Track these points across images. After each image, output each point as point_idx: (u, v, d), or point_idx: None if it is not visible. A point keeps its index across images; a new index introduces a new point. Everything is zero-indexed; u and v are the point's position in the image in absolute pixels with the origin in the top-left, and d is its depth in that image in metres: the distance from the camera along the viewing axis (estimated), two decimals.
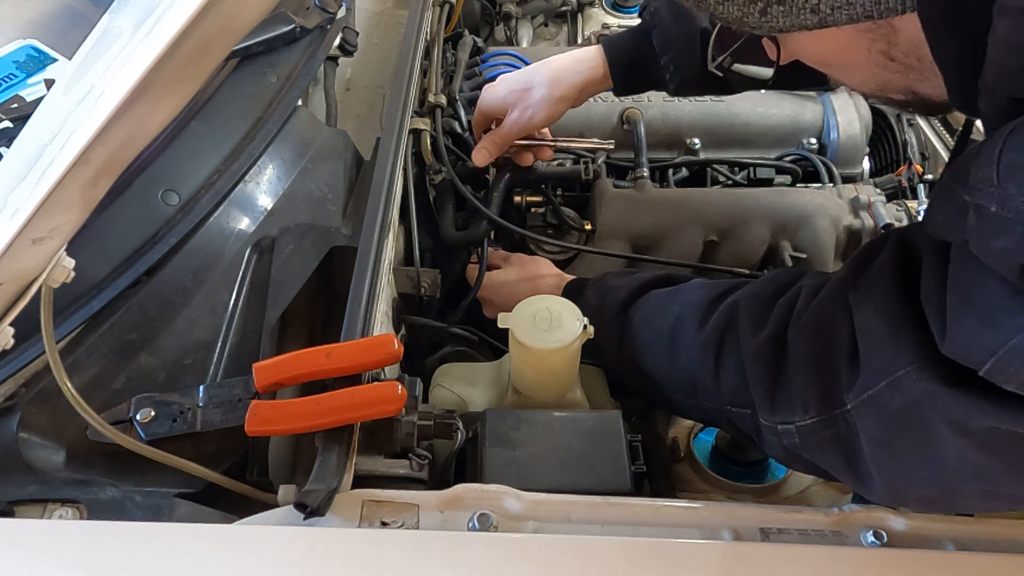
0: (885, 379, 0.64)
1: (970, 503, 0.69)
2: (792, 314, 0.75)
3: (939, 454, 0.63)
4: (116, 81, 0.60)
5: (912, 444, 0.65)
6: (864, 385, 0.66)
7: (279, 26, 1.21)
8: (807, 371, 0.71)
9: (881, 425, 0.66)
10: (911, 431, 0.64)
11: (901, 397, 0.63)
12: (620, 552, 0.69)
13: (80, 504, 0.81)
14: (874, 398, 0.65)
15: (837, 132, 1.32)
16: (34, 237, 0.66)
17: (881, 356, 0.64)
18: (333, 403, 0.78)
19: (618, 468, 0.82)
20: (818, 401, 0.70)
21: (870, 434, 0.67)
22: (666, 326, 0.87)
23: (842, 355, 0.68)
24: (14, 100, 1.10)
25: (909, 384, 0.62)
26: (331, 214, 1.14)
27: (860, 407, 0.66)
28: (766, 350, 0.74)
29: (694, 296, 0.87)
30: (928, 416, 0.62)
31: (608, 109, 1.33)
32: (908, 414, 0.63)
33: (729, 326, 0.79)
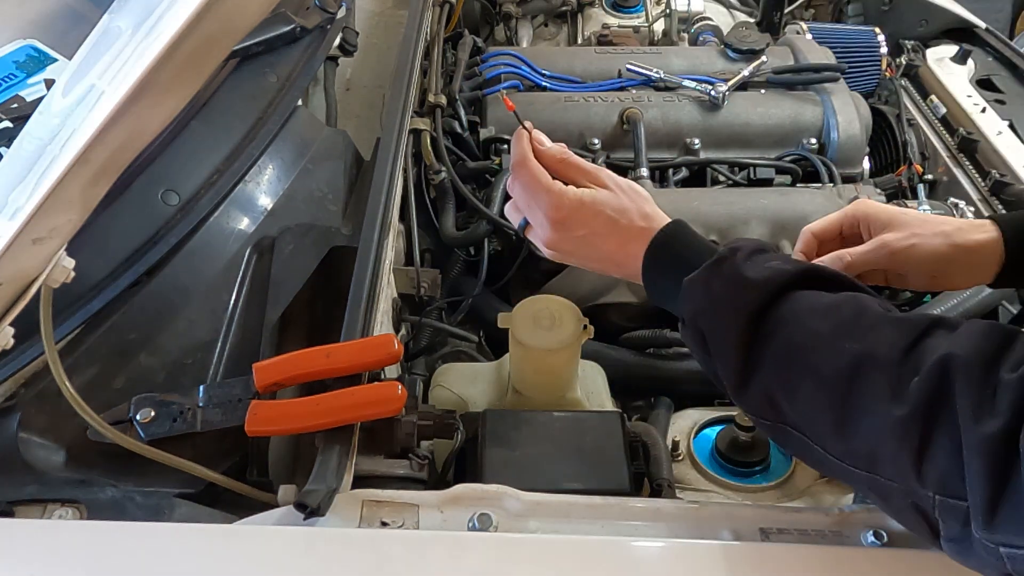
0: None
1: None
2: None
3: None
4: (116, 81, 0.60)
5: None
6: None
7: (279, 26, 1.21)
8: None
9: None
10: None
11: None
12: (620, 552, 0.69)
13: (80, 504, 0.81)
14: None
15: (837, 132, 1.32)
16: (34, 237, 0.66)
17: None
18: (333, 403, 0.78)
19: (618, 468, 0.82)
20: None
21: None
22: (838, 368, 0.64)
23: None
24: (14, 100, 1.10)
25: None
26: (331, 214, 1.14)
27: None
28: (995, 446, 0.56)
29: (879, 335, 0.64)
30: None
31: (608, 109, 1.33)
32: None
33: (941, 398, 0.60)
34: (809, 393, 0.66)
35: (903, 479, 0.62)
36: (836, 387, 0.64)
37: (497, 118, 1.33)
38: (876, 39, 1.53)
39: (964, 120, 1.40)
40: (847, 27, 1.62)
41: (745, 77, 1.37)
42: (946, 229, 0.84)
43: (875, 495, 0.66)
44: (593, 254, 0.81)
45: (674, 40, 1.70)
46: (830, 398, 0.64)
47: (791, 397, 0.67)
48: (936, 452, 0.59)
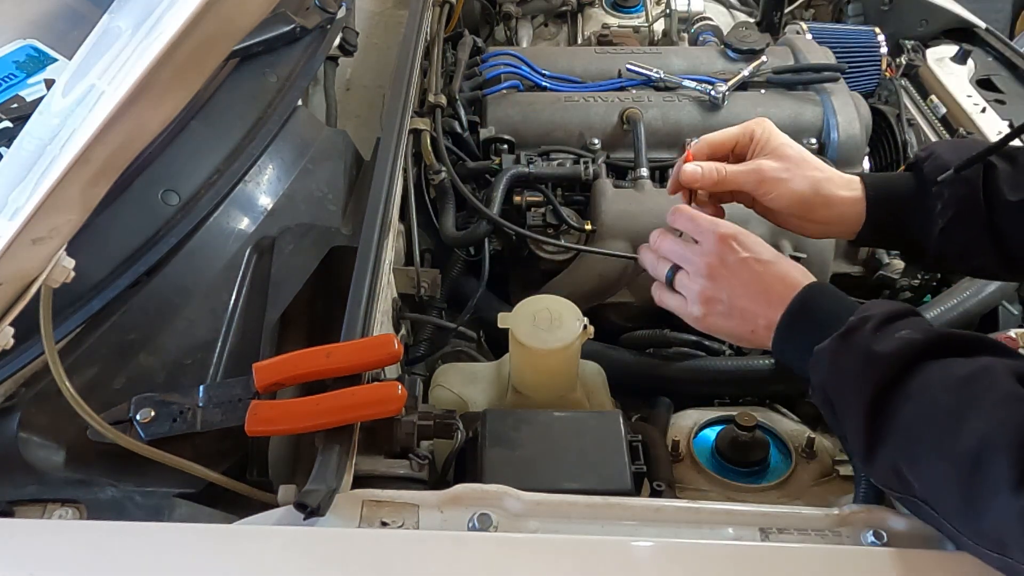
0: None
1: None
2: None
3: None
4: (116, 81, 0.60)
5: None
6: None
7: (279, 26, 1.21)
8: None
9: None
10: None
11: None
12: (620, 552, 0.69)
13: (80, 504, 0.81)
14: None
15: (837, 132, 1.31)
16: (34, 237, 0.66)
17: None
18: (333, 403, 0.78)
19: (618, 468, 0.82)
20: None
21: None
22: (963, 448, 0.62)
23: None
24: (14, 100, 1.10)
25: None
26: (331, 214, 1.14)
27: None
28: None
29: (1005, 414, 0.62)
30: None
31: (608, 109, 1.33)
32: None
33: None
34: (935, 470, 0.65)
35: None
36: (961, 467, 0.62)
37: (497, 118, 1.33)
38: (876, 39, 1.53)
39: (964, 120, 1.40)
40: (847, 27, 1.62)
41: (745, 77, 1.37)
42: (816, 176, 0.88)
43: (1007, 571, 0.64)
44: (738, 322, 0.80)
45: (674, 40, 1.70)
46: (957, 477, 0.63)
47: (917, 472, 0.66)
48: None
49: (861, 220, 0.88)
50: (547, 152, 1.29)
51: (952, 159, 0.86)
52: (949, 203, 0.85)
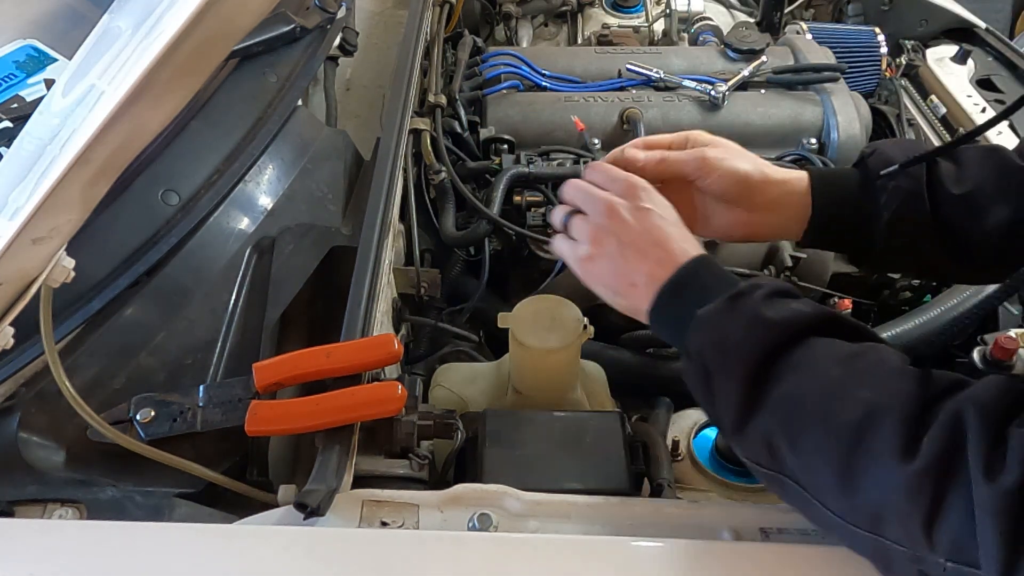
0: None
1: None
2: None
3: None
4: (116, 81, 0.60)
5: None
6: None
7: (279, 26, 1.21)
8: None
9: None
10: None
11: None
12: (620, 552, 0.69)
13: (80, 504, 0.81)
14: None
15: (837, 132, 1.31)
16: (34, 237, 0.66)
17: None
18: (333, 403, 0.78)
19: (618, 468, 0.82)
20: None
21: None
22: (849, 416, 0.61)
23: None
24: (14, 100, 1.10)
25: None
26: (331, 214, 1.15)
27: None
28: (1008, 503, 0.53)
29: (897, 386, 0.61)
30: None
31: (608, 109, 1.33)
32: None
33: (954, 453, 0.56)
34: (814, 441, 0.62)
35: (911, 542, 0.58)
36: (844, 436, 0.60)
37: (497, 118, 1.33)
38: (876, 39, 1.53)
39: (964, 120, 1.40)
40: (847, 27, 1.62)
41: (745, 77, 1.37)
42: (758, 160, 0.88)
43: (878, 561, 0.62)
44: (622, 268, 0.77)
45: (674, 40, 1.70)
46: (837, 447, 0.61)
47: (794, 444, 0.63)
48: (949, 512, 0.56)
49: (807, 215, 0.87)
50: (547, 152, 1.29)
51: (897, 155, 0.86)
52: (893, 195, 0.84)
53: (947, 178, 0.84)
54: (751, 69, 1.38)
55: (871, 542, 0.61)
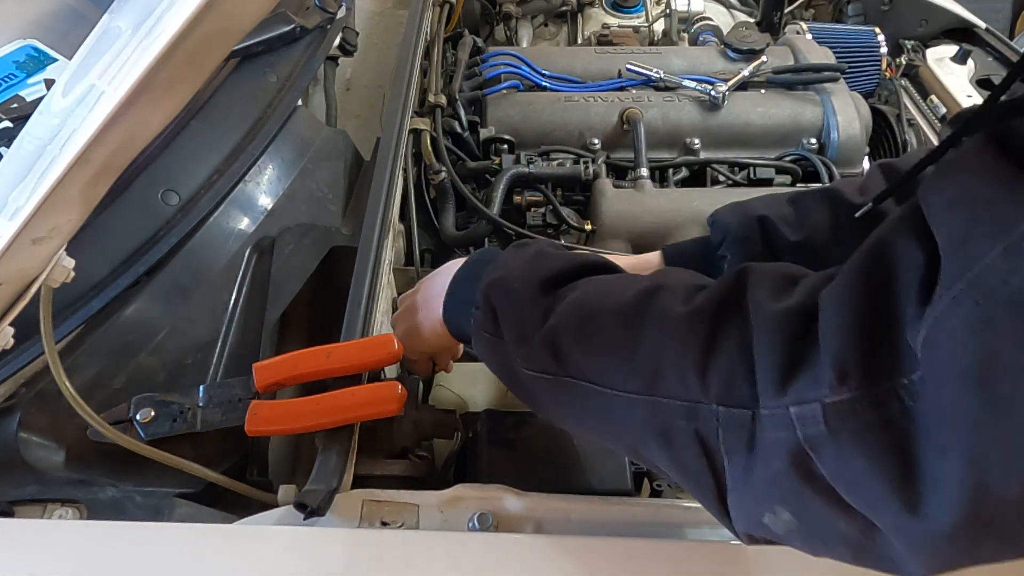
0: (1000, 239, 0.40)
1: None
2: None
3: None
4: (116, 81, 0.60)
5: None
6: (951, 274, 0.43)
7: (279, 26, 1.21)
8: (850, 325, 0.48)
9: (982, 335, 0.41)
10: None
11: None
12: (620, 552, 0.69)
13: (80, 504, 0.81)
14: (974, 285, 0.41)
15: (837, 132, 1.32)
16: (34, 237, 0.66)
17: (979, 220, 0.43)
18: (333, 403, 0.78)
19: (618, 468, 0.82)
20: (863, 366, 0.47)
21: (953, 364, 0.43)
22: (631, 296, 0.62)
23: (908, 289, 0.46)
24: (14, 100, 1.10)
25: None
26: (331, 214, 1.15)
27: (936, 330, 0.43)
28: (793, 318, 0.53)
29: (676, 276, 0.65)
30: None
31: (608, 109, 1.33)
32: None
33: (733, 297, 0.57)
34: (597, 324, 0.63)
35: (685, 391, 0.57)
36: (627, 307, 0.62)
37: (497, 118, 1.33)
38: (876, 39, 1.53)
39: None
40: (847, 27, 1.62)
41: (745, 77, 1.37)
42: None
43: (658, 436, 0.59)
44: (410, 309, 0.86)
45: (674, 40, 1.70)
46: (618, 320, 0.62)
47: (578, 336, 0.64)
48: (722, 352, 0.55)
49: None
50: (547, 152, 1.30)
51: (729, 222, 0.90)
52: (733, 263, 0.87)
53: (785, 225, 0.86)
54: (751, 69, 1.38)
55: (650, 408, 0.59)
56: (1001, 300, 0.40)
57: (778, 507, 0.53)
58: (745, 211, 0.91)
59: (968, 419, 0.43)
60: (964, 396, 0.42)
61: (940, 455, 0.44)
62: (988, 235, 0.42)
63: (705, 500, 0.58)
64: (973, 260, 0.42)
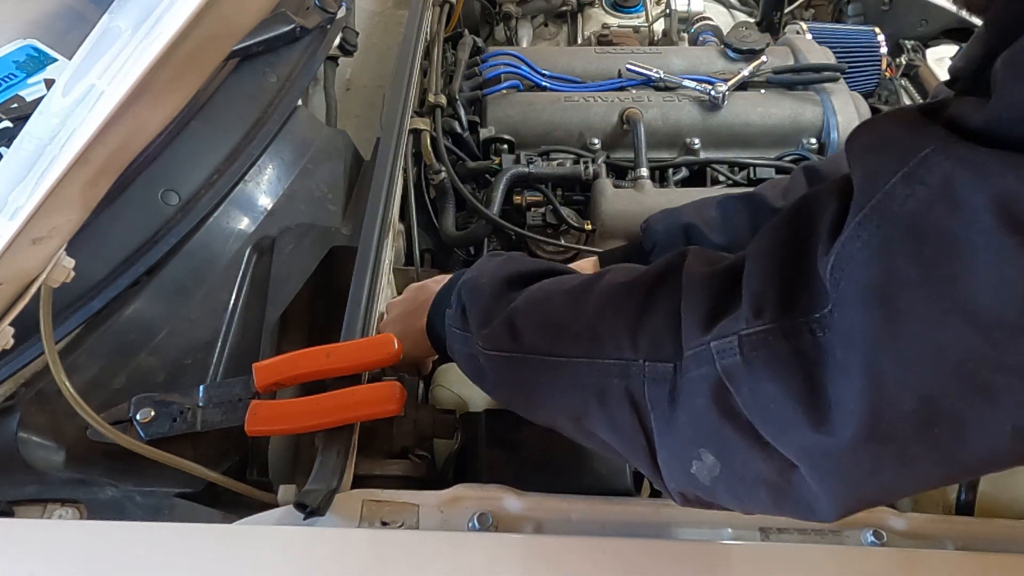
0: (900, 167, 0.44)
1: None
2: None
3: (971, 289, 0.41)
4: (116, 81, 0.60)
5: (931, 269, 0.42)
6: (858, 203, 0.46)
7: (279, 26, 1.21)
8: (768, 266, 0.52)
9: (881, 255, 0.44)
10: (931, 244, 0.42)
11: (923, 188, 0.42)
12: (620, 552, 0.69)
13: (80, 504, 0.81)
14: (876, 210, 0.44)
15: (837, 132, 1.31)
16: (34, 237, 0.66)
17: (887, 154, 0.45)
18: (333, 403, 0.78)
19: (618, 468, 0.81)
20: (777, 302, 0.51)
21: (856, 285, 0.46)
22: (578, 281, 0.69)
23: (822, 227, 0.49)
24: (14, 100, 1.10)
25: (934, 164, 0.42)
26: (331, 214, 1.15)
27: (847, 250, 0.46)
28: (719, 276, 0.57)
29: (628, 266, 0.69)
30: (965, 204, 0.41)
31: (608, 109, 1.33)
32: (926, 216, 0.42)
33: (670, 268, 0.61)
34: (549, 301, 0.69)
35: (618, 351, 0.61)
36: (576, 289, 0.68)
37: (497, 118, 1.33)
38: (876, 39, 1.53)
39: None
40: (847, 27, 1.62)
41: (745, 77, 1.37)
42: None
43: (596, 396, 0.63)
44: (403, 313, 0.89)
45: (674, 40, 1.70)
46: (569, 298, 0.67)
47: (530, 315, 0.69)
48: (654, 313, 0.60)
49: None
50: (547, 152, 1.30)
51: (658, 230, 0.98)
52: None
53: (709, 229, 0.90)
54: (751, 69, 1.38)
55: (588, 370, 0.63)
56: (899, 221, 0.43)
57: (702, 450, 0.56)
58: (673, 218, 0.99)
59: (867, 336, 0.45)
60: (864, 314, 0.45)
61: (843, 374, 0.47)
62: (892, 167, 0.45)
63: (638, 460, 0.62)
64: (877, 187, 0.45)
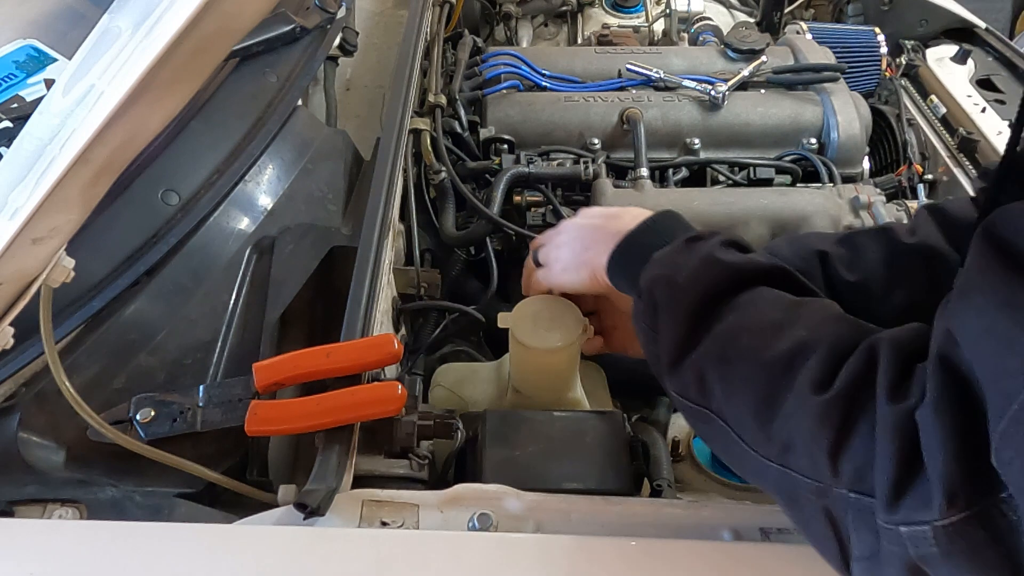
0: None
1: None
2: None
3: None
4: (116, 81, 0.60)
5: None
6: (996, 413, 0.47)
7: (279, 26, 1.21)
8: (947, 446, 0.50)
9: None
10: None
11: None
12: (620, 552, 0.69)
13: (80, 504, 0.81)
14: (1016, 419, 0.46)
15: (837, 132, 1.31)
16: (34, 237, 0.66)
17: (1010, 360, 0.47)
18: (333, 403, 0.78)
19: (618, 468, 0.82)
20: (967, 487, 0.49)
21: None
22: (778, 355, 0.62)
23: (982, 408, 0.49)
24: (14, 100, 1.10)
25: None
26: (331, 214, 1.15)
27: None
28: (905, 426, 0.53)
29: (830, 327, 0.63)
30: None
31: (607, 109, 1.33)
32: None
33: (865, 381, 0.57)
34: (743, 373, 0.64)
35: (816, 472, 0.58)
36: (772, 369, 0.62)
37: (497, 118, 1.33)
38: (876, 39, 1.53)
39: (964, 120, 1.40)
40: (847, 27, 1.62)
41: (745, 77, 1.37)
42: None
43: (785, 498, 0.62)
44: (578, 243, 0.86)
45: (674, 40, 1.70)
46: (763, 379, 0.62)
47: (724, 376, 0.65)
48: (855, 440, 0.56)
49: None
50: (547, 152, 1.29)
51: (787, 255, 0.87)
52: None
53: (841, 265, 0.84)
54: (751, 69, 1.38)
55: (779, 475, 0.61)
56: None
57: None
58: (803, 244, 0.89)
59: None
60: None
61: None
62: (1018, 372, 0.46)
63: (828, 558, 0.60)
64: (1010, 398, 0.46)
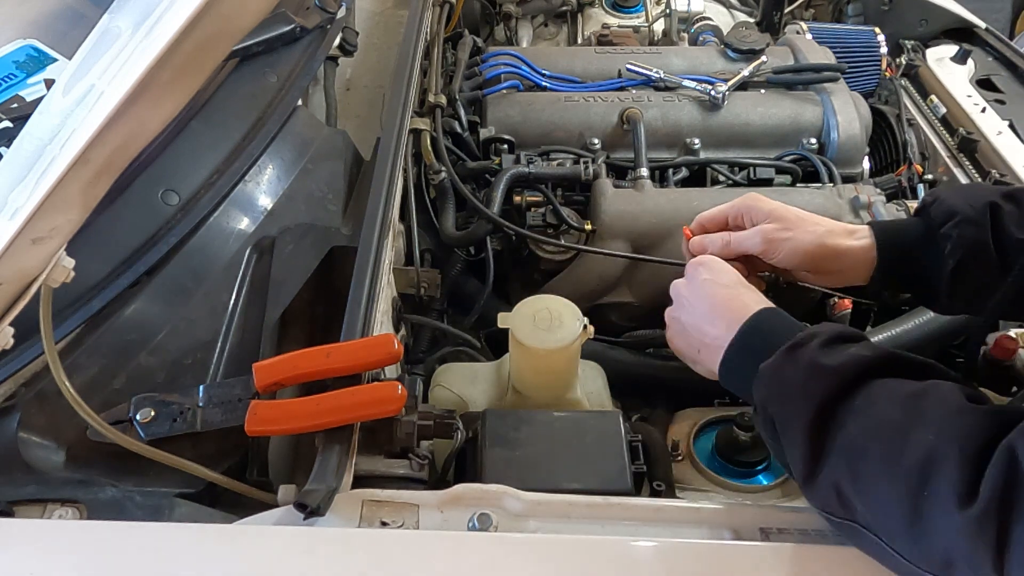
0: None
1: None
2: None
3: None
4: (116, 81, 0.60)
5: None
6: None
7: (279, 26, 1.21)
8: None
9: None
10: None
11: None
12: (620, 552, 0.69)
13: (80, 504, 0.81)
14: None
15: (837, 132, 1.31)
16: (34, 237, 0.66)
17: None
18: (333, 403, 0.78)
19: (618, 468, 0.82)
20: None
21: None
22: (910, 463, 0.61)
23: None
24: (14, 100, 1.10)
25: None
26: (331, 214, 1.15)
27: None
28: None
29: (956, 426, 0.61)
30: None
31: (608, 109, 1.33)
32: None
33: (1012, 490, 0.56)
34: (880, 487, 0.62)
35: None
36: (908, 481, 0.61)
37: (497, 118, 1.33)
38: (876, 39, 1.53)
39: (964, 120, 1.40)
40: (847, 27, 1.62)
41: (745, 77, 1.37)
42: (818, 230, 0.89)
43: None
44: (690, 339, 0.84)
45: (674, 40, 1.70)
46: (902, 494, 0.61)
47: (861, 491, 0.64)
48: (1016, 549, 0.55)
49: (872, 267, 0.88)
50: (547, 152, 1.29)
51: (957, 203, 0.86)
52: (958, 244, 0.84)
53: (1010, 222, 0.83)
54: (751, 69, 1.38)
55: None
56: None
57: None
58: (974, 193, 0.88)
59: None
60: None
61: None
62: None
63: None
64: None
